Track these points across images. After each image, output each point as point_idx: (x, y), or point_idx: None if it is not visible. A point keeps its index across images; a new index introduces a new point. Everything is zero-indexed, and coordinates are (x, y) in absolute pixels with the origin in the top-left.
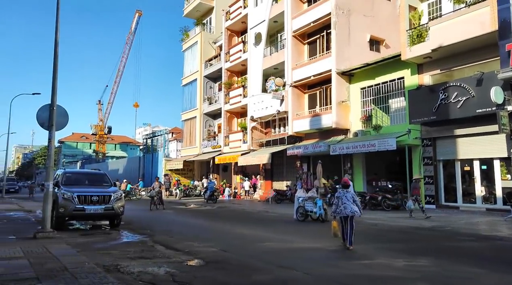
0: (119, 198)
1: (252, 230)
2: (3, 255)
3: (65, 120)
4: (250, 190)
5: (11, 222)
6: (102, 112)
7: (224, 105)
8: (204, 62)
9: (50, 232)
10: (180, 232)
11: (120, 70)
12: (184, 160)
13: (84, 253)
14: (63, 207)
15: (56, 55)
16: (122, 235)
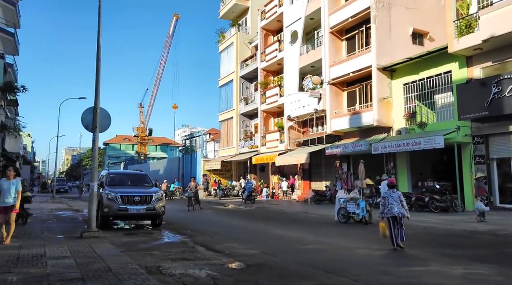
0: (160, 198)
1: (292, 231)
2: (52, 254)
3: (108, 122)
4: (288, 191)
5: (60, 221)
6: (143, 114)
7: (261, 105)
8: (240, 63)
9: (95, 231)
10: (220, 233)
11: (159, 73)
12: (221, 160)
13: (127, 253)
14: (107, 207)
15: (99, 58)
16: (163, 235)
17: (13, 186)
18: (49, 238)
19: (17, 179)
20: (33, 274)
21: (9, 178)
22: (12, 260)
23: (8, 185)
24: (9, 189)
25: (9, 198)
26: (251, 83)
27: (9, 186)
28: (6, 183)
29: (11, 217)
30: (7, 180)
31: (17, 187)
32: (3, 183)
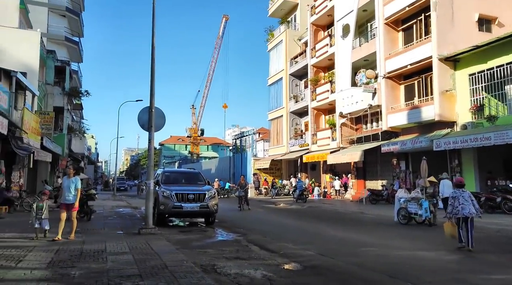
0: (213, 196)
1: (349, 232)
2: (112, 249)
3: (163, 121)
4: (340, 190)
5: (120, 218)
6: (195, 115)
7: (311, 102)
8: (289, 60)
9: (152, 228)
10: (273, 232)
11: (210, 75)
12: (271, 159)
13: (183, 251)
14: (163, 204)
15: (153, 59)
16: (217, 233)
17: (73, 184)
18: (109, 234)
19: (76, 177)
20: (94, 269)
21: (69, 176)
22: (75, 255)
23: (68, 183)
24: (69, 186)
25: (69, 195)
26: (301, 80)
27: (69, 184)
28: (66, 181)
29: (72, 215)
30: (68, 178)
31: (76, 184)
32: (64, 181)
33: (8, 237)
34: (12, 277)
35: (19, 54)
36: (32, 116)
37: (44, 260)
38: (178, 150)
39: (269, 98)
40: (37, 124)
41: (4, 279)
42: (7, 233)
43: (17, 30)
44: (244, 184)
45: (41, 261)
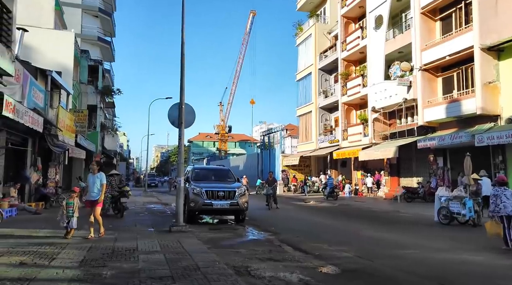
0: (243, 193)
1: (386, 232)
2: (143, 248)
3: (192, 117)
4: (373, 187)
5: (151, 214)
6: (223, 112)
7: (341, 97)
8: (318, 55)
9: (183, 226)
10: (305, 231)
11: (237, 71)
12: (300, 155)
13: (214, 250)
14: (193, 201)
15: (183, 54)
16: (248, 231)
17: (98, 180)
18: (141, 231)
19: (101, 173)
20: (125, 269)
21: (94, 172)
22: (107, 253)
23: (93, 179)
24: (94, 183)
25: (94, 192)
26: (331, 75)
27: (94, 180)
28: (91, 177)
29: (96, 211)
30: (92, 175)
31: (101, 180)
32: (89, 178)
33: (44, 235)
34: (45, 277)
35: (55, 54)
36: (66, 114)
37: (77, 259)
38: (206, 147)
39: (298, 93)
40: (71, 122)
41: (37, 279)
42: (43, 229)
43: (53, 31)
44: (273, 181)
45: (73, 260)
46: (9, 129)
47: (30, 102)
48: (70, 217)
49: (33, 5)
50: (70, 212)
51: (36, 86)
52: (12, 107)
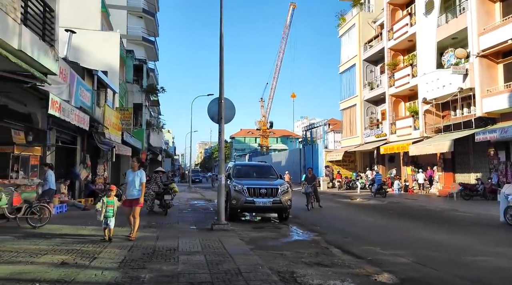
0: (286, 191)
1: (446, 234)
2: (184, 248)
3: (232, 112)
4: (425, 183)
5: (194, 211)
6: (264, 108)
7: (389, 89)
8: (363, 45)
9: (225, 224)
10: (353, 232)
11: (278, 66)
12: (344, 151)
13: (257, 251)
14: (235, 199)
15: (221, 47)
16: (291, 231)
17: (138, 178)
18: (183, 229)
19: (141, 171)
20: (164, 272)
21: (134, 169)
22: (148, 253)
23: (133, 176)
24: (134, 180)
25: (134, 190)
26: (376, 65)
27: (134, 178)
28: (131, 174)
29: (136, 211)
30: (132, 172)
31: (141, 178)
32: (128, 175)
33: (89, 233)
34: (83, 279)
35: (102, 55)
36: (112, 112)
37: (117, 259)
38: (248, 143)
39: (341, 86)
40: (117, 120)
41: (75, 281)
42: (88, 226)
43: (99, 32)
44: (312, 179)
45: (113, 260)
46: (58, 128)
47: (77, 101)
48: (109, 218)
49: (81, 8)
50: (110, 212)
51: (83, 85)
52: (58, 106)
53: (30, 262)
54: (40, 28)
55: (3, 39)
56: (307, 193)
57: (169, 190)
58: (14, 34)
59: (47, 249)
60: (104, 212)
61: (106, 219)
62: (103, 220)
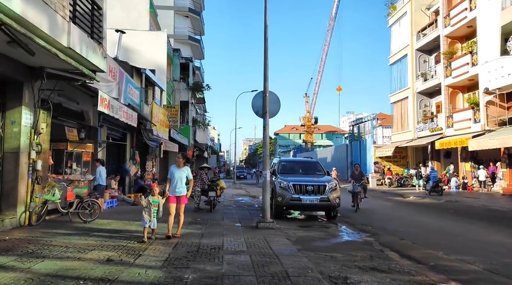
0: (334, 188)
1: None
2: (229, 246)
3: (277, 106)
4: (486, 181)
5: (239, 208)
6: (308, 104)
7: (445, 80)
8: (415, 34)
9: (270, 222)
10: (409, 233)
11: (322, 59)
12: (395, 146)
13: (305, 253)
14: (280, 196)
15: (266, 38)
16: (341, 230)
17: (184, 174)
18: (228, 226)
19: (187, 167)
20: (208, 273)
21: (179, 165)
22: (192, 252)
23: (179, 173)
24: (180, 177)
25: (180, 187)
26: (431, 55)
27: (180, 174)
28: (176, 170)
29: (181, 208)
30: (178, 168)
31: (187, 175)
32: (174, 171)
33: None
34: (126, 278)
35: (150, 54)
36: (160, 109)
37: (161, 257)
38: (292, 139)
39: (391, 79)
40: (165, 117)
41: (118, 280)
42: (136, 222)
43: (148, 32)
44: (360, 176)
45: (158, 258)
46: (109, 125)
47: (126, 98)
48: (154, 217)
49: (130, 9)
50: (155, 212)
51: (131, 83)
52: (107, 103)
53: (77, 258)
54: (89, 26)
55: (53, 37)
56: (354, 192)
57: (215, 187)
58: (63, 31)
59: (95, 245)
60: (148, 211)
61: (150, 218)
62: (147, 220)
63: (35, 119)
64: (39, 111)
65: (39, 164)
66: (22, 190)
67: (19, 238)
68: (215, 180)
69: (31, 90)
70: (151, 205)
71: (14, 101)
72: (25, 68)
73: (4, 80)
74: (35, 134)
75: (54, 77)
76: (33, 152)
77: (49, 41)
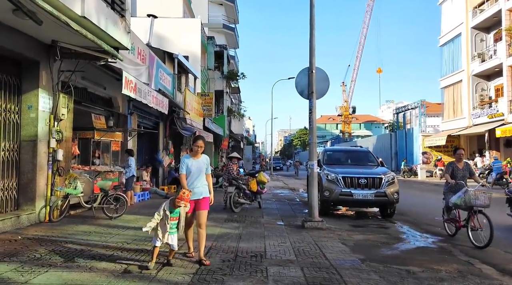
0: (392, 181)
1: None
2: (274, 253)
3: (326, 85)
4: None
5: (278, 202)
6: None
7: (507, 59)
8: (471, 10)
9: (319, 221)
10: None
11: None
12: (447, 134)
13: (372, 265)
14: (327, 190)
15: (312, 4)
16: (404, 232)
17: (203, 167)
18: (269, 225)
19: (207, 157)
20: None
21: (196, 154)
22: (229, 261)
23: (197, 165)
24: (199, 171)
25: (199, 186)
26: (489, 33)
27: (199, 167)
28: (193, 162)
29: (202, 218)
30: (194, 158)
31: (207, 169)
32: (188, 162)
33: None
34: None
35: (183, 42)
36: (194, 97)
37: (190, 267)
38: (329, 130)
39: (441, 61)
40: (199, 106)
41: None
42: None
43: (181, 19)
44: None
45: (186, 269)
46: (140, 113)
47: (157, 84)
48: (172, 235)
49: None
50: (173, 226)
51: (163, 69)
52: (133, 86)
53: (88, 268)
54: None
55: (64, 3)
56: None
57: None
58: None
59: (115, 248)
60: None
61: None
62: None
63: (54, 103)
64: (58, 95)
65: (60, 153)
66: (41, 183)
67: (32, 237)
68: (253, 173)
69: (49, 71)
70: (167, 217)
71: (30, 83)
72: (40, 46)
73: (18, 59)
74: (55, 120)
75: (72, 56)
76: (53, 140)
77: (59, 8)
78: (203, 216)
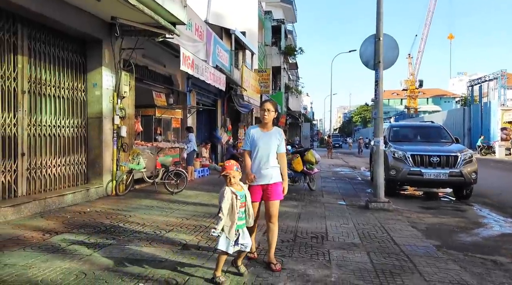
0: (469, 160)
1: None
2: (336, 235)
3: (395, 53)
4: None
5: (339, 180)
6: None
7: None
8: None
9: (385, 202)
10: None
11: (430, 9)
12: None
13: (450, 254)
14: (394, 169)
15: None
16: (484, 216)
17: (275, 142)
18: (329, 204)
19: (279, 130)
20: (311, 281)
21: (266, 126)
22: (288, 241)
23: (266, 139)
24: (269, 148)
25: (268, 167)
26: None
27: (269, 143)
28: (262, 136)
29: (273, 209)
30: (263, 130)
31: (280, 146)
32: (255, 135)
33: None
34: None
35: (240, 17)
36: (251, 74)
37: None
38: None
39: None
40: (256, 82)
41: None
42: None
43: None
44: None
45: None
46: (199, 90)
47: (214, 60)
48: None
49: None
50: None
51: (220, 45)
52: (190, 62)
53: (149, 243)
54: None
55: None
56: None
57: None
58: None
59: (174, 223)
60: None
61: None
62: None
63: (117, 81)
64: (120, 73)
65: (123, 130)
66: (107, 158)
67: (99, 210)
68: (301, 150)
69: (111, 49)
70: (235, 203)
71: (94, 62)
72: (102, 25)
73: (83, 38)
74: (118, 97)
75: (132, 33)
76: (117, 117)
77: None
78: (275, 207)
